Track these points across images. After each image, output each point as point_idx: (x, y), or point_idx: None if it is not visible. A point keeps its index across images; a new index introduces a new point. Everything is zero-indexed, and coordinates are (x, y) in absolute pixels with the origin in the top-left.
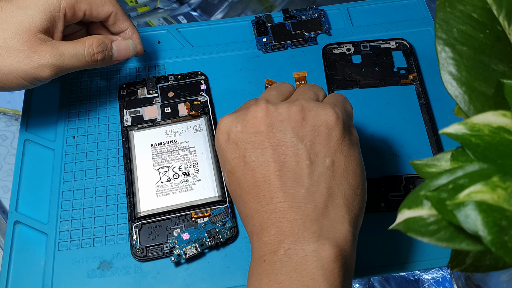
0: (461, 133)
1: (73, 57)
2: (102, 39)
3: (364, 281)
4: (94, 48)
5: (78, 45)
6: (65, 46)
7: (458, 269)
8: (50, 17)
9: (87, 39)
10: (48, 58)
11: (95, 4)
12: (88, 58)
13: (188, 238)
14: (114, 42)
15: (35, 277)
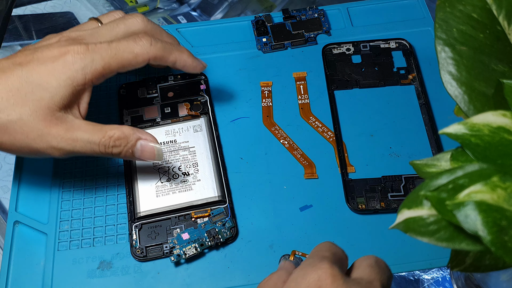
0: (461, 133)
1: (86, 145)
2: (128, 133)
3: None
4: (111, 141)
5: (97, 134)
6: (81, 131)
7: (458, 269)
8: (73, 92)
9: (111, 129)
10: (59, 142)
11: (126, 61)
12: (102, 149)
13: (188, 238)
14: (141, 141)
15: (35, 277)
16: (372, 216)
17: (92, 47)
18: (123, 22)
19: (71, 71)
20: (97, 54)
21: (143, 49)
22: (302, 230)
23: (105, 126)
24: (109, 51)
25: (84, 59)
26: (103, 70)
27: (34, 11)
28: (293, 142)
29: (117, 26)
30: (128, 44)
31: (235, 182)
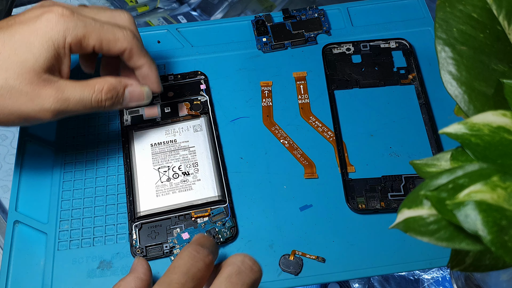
0: (461, 132)
1: (78, 103)
2: (115, 84)
3: (364, 280)
4: (103, 94)
5: (86, 90)
6: (71, 90)
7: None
8: (55, 54)
9: (98, 83)
10: (52, 103)
11: (106, 39)
12: (94, 105)
13: (188, 237)
14: (128, 88)
15: (35, 276)
16: (372, 216)
17: (77, 15)
18: (109, 11)
19: (53, 31)
20: (81, 22)
21: (125, 38)
22: (302, 230)
23: (90, 80)
24: (93, 23)
25: (67, 22)
26: (83, 38)
27: None
28: (293, 142)
29: (104, 11)
30: (113, 27)
31: (235, 181)
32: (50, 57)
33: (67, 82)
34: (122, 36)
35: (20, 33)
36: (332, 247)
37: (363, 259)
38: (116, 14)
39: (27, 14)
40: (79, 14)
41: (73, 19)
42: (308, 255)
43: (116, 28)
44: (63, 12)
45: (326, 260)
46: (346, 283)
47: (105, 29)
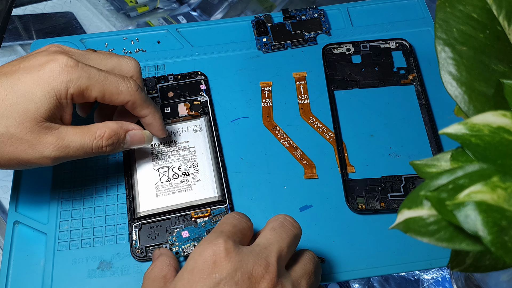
0: (461, 133)
1: (79, 149)
2: (116, 129)
3: (363, 281)
4: (104, 140)
5: (87, 136)
6: (72, 137)
7: (458, 269)
8: (57, 104)
9: (99, 129)
10: (52, 150)
11: (108, 92)
12: (95, 151)
13: (188, 236)
14: (129, 133)
15: (35, 277)
16: (372, 216)
17: (82, 65)
18: (116, 58)
19: (56, 82)
20: (85, 73)
21: (128, 90)
22: (302, 230)
23: (91, 126)
24: (97, 75)
25: (71, 73)
26: (85, 90)
27: (34, 11)
28: (293, 142)
29: (110, 58)
30: (117, 79)
31: (235, 182)
32: (52, 106)
33: (68, 129)
34: (126, 89)
35: (23, 82)
36: (332, 248)
37: (363, 260)
38: (123, 62)
39: (32, 61)
40: (84, 65)
41: (77, 70)
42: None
43: (120, 80)
44: (68, 62)
45: (325, 260)
46: (346, 283)
47: (109, 82)
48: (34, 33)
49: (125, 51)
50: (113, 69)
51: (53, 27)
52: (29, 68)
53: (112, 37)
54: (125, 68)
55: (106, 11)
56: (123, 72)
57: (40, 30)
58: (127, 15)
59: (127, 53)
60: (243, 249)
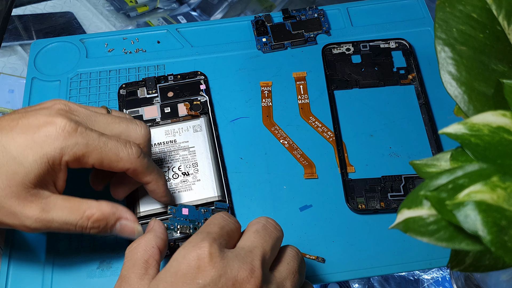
0: (460, 133)
1: (61, 225)
2: (107, 214)
3: (363, 281)
4: (90, 222)
5: (74, 214)
6: (57, 211)
7: (457, 269)
8: (49, 170)
9: (89, 209)
10: (33, 222)
11: (107, 159)
12: (78, 230)
13: (187, 214)
14: (121, 222)
15: (35, 277)
16: (372, 216)
17: (81, 130)
18: (125, 123)
19: (50, 147)
20: (83, 139)
21: (129, 158)
22: (302, 230)
23: (83, 203)
24: (96, 141)
25: (67, 139)
26: (82, 157)
27: (34, 11)
28: (293, 142)
29: (118, 123)
30: (118, 145)
31: (235, 182)
32: (43, 172)
33: (58, 201)
34: (126, 156)
35: (17, 143)
36: (332, 247)
37: (363, 259)
38: (132, 128)
39: (31, 119)
40: (84, 129)
41: (74, 136)
42: (308, 255)
43: (121, 146)
44: (66, 126)
45: (326, 260)
46: (346, 283)
47: (108, 148)
48: (34, 33)
49: (125, 51)
50: (119, 134)
51: (53, 27)
52: (26, 128)
53: (112, 37)
54: (133, 135)
55: (106, 11)
56: (131, 138)
57: (40, 30)
58: (127, 15)
59: (127, 53)
60: (228, 253)
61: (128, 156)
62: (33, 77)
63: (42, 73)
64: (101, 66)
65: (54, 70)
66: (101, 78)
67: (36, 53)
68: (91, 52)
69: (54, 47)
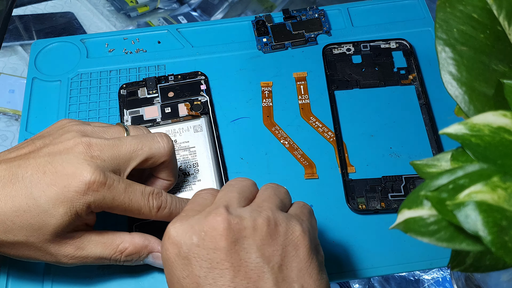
0: (461, 133)
1: (95, 260)
2: (140, 248)
3: (364, 281)
4: (123, 256)
5: (107, 250)
6: (92, 248)
7: (458, 269)
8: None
9: (122, 242)
10: (69, 259)
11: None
12: (112, 262)
13: None
14: (153, 254)
15: (36, 277)
16: (372, 216)
17: (109, 184)
18: (148, 145)
19: (79, 202)
20: (111, 194)
21: (150, 213)
22: None
23: (116, 237)
24: (122, 196)
25: (95, 194)
26: (106, 208)
27: (35, 11)
28: (294, 142)
29: (141, 148)
30: (141, 200)
31: None
32: (73, 221)
33: (92, 237)
34: (148, 211)
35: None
36: (332, 248)
37: (364, 260)
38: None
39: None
40: (112, 181)
41: (102, 191)
42: None
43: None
44: (95, 182)
45: (326, 260)
46: (347, 283)
47: (132, 204)
48: (35, 33)
49: (125, 51)
50: (145, 160)
51: (54, 27)
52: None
53: (112, 37)
54: (157, 154)
55: (107, 11)
56: (156, 158)
57: (41, 30)
58: (127, 15)
59: (128, 53)
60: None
61: (149, 211)
62: (33, 77)
63: (43, 73)
64: (102, 66)
65: (55, 70)
66: (102, 78)
67: (37, 53)
68: (91, 52)
69: (55, 47)
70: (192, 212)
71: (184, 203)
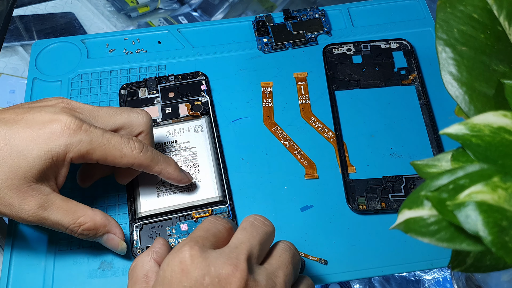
0: (461, 133)
1: (53, 224)
2: (99, 226)
3: (364, 281)
4: (80, 229)
5: (67, 217)
6: (53, 212)
7: (458, 270)
8: (52, 165)
9: (83, 216)
10: (29, 216)
11: (111, 156)
12: (67, 232)
13: (186, 230)
14: (108, 234)
15: (36, 277)
16: (372, 217)
17: (86, 128)
18: (126, 113)
19: (55, 144)
20: (88, 136)
21: (132, 153)
22: (303, 230)
23: (79, 209)
24: (100, 139)
25: (72, 136)
26: (86, 154)
27: (35, 12)
28: (294, 143)
29: (120, 114)
30: (121, 141)
31: (236, 182)
32: (46, 167)
33: (56, 200)
34: (129, 152)
35: (22, 138)
36: (333, 248)
37: (364, 260)
38: (133, 117)
39: (37, 115)
40: (88, 126)
41: (79, 133)
42: (311, 257)
43: (125, 142)
44: (71, 124)
45: (327, 261)
46: (347, 283)
47: (112, 145)
48: (35, 34)
49: (126, 52)
50: (122, 125)
51: (54, 27)
52: (31, 123)
53: (113, 37)
54: (135, 123)
55: (107, 12)
56: (133, 127)
57: (41, 30)
58: (128, 16)
59: (128, 54)
60: (211, 253)
61: (131, 151)
62: (34, 78)
63: (43, 74)
64: (102, 66)
65: (55, 70)
66: (102, 79)
67: (37, 53)
68: (92, 52)
69: (55, 48)
70: (207, 242)
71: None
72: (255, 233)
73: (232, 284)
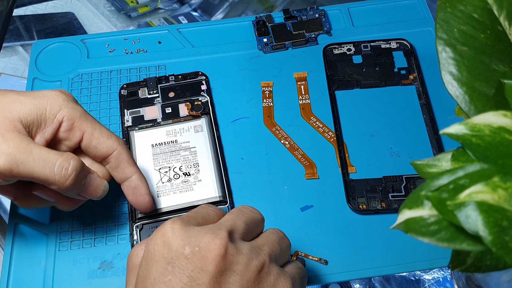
0: (461, 133)
1: (40, 160)
2: (82, 163)
3: (364, 281)
4: (71, 163)
5: (53, 153)
6: (37, 147)
7: (458, 269)
8: (41, 115)
9: (67, 153)
10: (10, 147)
11: (98, 131)
12: (58, 170)
13: None
14: (90, 175)
15: (36, 277)
16: (373, 216)
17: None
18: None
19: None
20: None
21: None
22: (303, 230)
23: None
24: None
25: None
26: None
27: (35, 12)
28: (294, 142)
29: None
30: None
31: (236, 182)
32: (35, 114)
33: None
34: (114, 136)
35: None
36: (333, 248)
37: (364, 260)
38: None
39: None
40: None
41: (74, 103)
42: (311, 257)
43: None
44: (68, 97)
45: (328, 261)
46: (347, 283)
47: (99, 126)
48: (35, 34)
49: (126, 51)
50: None
51: (54, 27)
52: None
53: (113, 37)
54: None
55: (107, 12)
56: None
57: (41, 30)
58: (128, 16)
59: (128, 54)
60: (194, 227)
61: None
62: (34, 78)
63: (43, 74)
64: (102, 66)
65: (55, 70)
66: (102, 79)
67: (37, 53)
68: (92, 52)
69: (55, 48)
70: (193, 221)
71: None
72: (241, 215)
73: (211, 251)
